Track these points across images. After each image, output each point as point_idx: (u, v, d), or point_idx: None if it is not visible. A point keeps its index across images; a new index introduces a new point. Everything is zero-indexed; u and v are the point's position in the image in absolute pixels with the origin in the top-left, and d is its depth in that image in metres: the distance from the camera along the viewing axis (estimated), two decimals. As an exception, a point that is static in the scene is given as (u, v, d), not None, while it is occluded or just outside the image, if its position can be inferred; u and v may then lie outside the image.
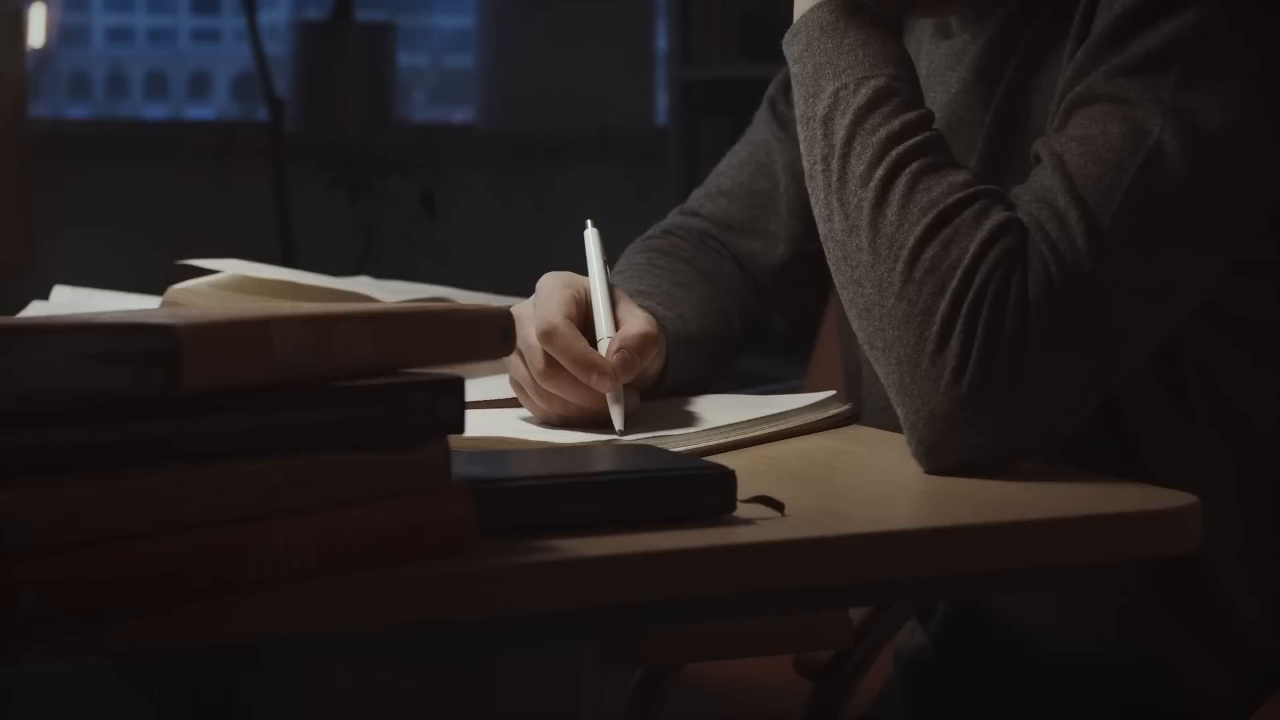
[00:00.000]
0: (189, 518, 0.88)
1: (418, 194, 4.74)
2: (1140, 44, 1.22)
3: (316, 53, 5.03)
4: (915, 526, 1.07)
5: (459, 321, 1.02)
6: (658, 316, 1.44)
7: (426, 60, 5.68)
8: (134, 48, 5.69)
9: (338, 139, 4.73)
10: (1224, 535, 1.33)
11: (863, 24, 1.29)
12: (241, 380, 0.89)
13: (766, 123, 1.61)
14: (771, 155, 1.60)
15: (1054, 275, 1.18)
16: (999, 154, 1.36)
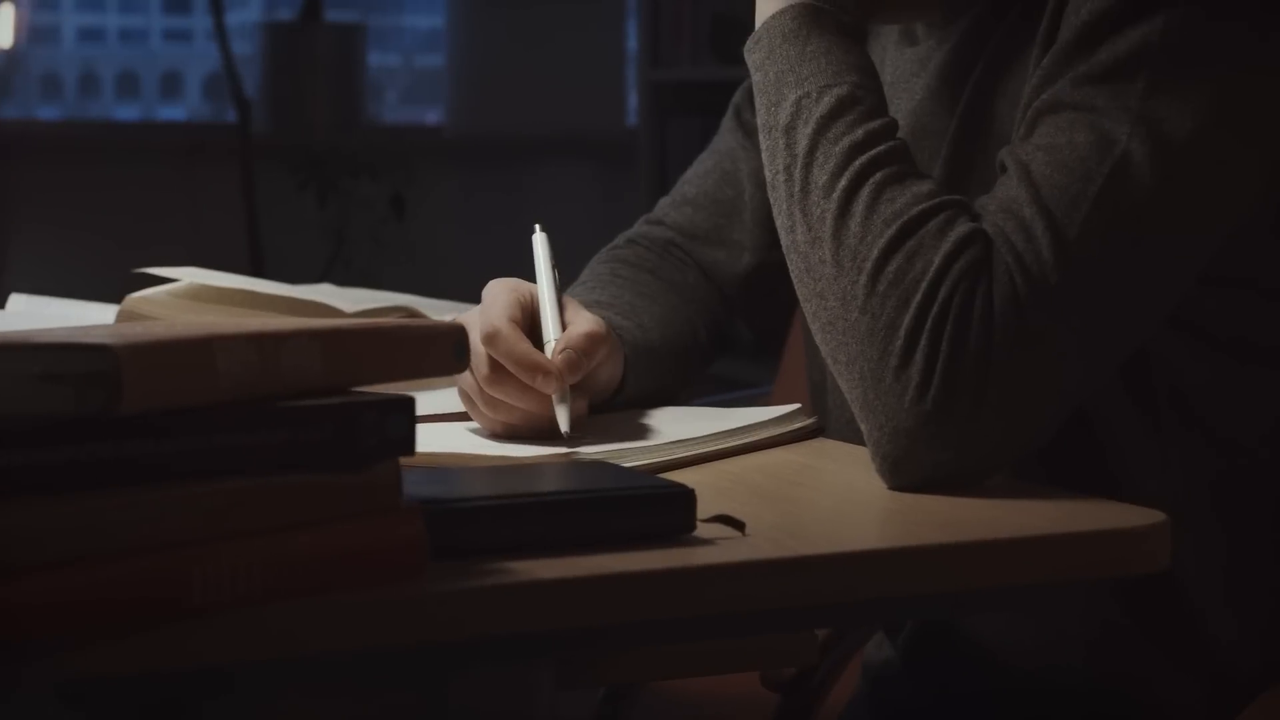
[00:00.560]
0: (131, 542, 0.85)
1: (387, 196, 4.71)
2: (1107, 51, 1.20)
3: (285, 54, 5.00)
4: (879, 547, 1.05)
5: (410, 338, 1.00)
6: (618, 327, 1.41)
7: (397, 61, 5.65)
8: (105, 48, 5.66)
9: (306, 140, 4.70)
10: (1196, 547, 1.31)
11: (826, 31, 1.27)
12: (184, 400, 0.87)
13: (732, 131, 1.59)
14: (737, 164, 1.58)
15: (1019, 288, 1.16)
16: (964, 161, 1.34)
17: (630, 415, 1.39)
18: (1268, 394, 1.33)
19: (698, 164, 1.62)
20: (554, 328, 1.31)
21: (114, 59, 5.62)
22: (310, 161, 4.66)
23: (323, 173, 4.65)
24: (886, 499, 1.16)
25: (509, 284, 1.34)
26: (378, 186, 4.70)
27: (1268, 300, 1.32)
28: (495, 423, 1.30)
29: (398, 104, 5.66)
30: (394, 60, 5.63)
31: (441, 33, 5.42)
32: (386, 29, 5.58)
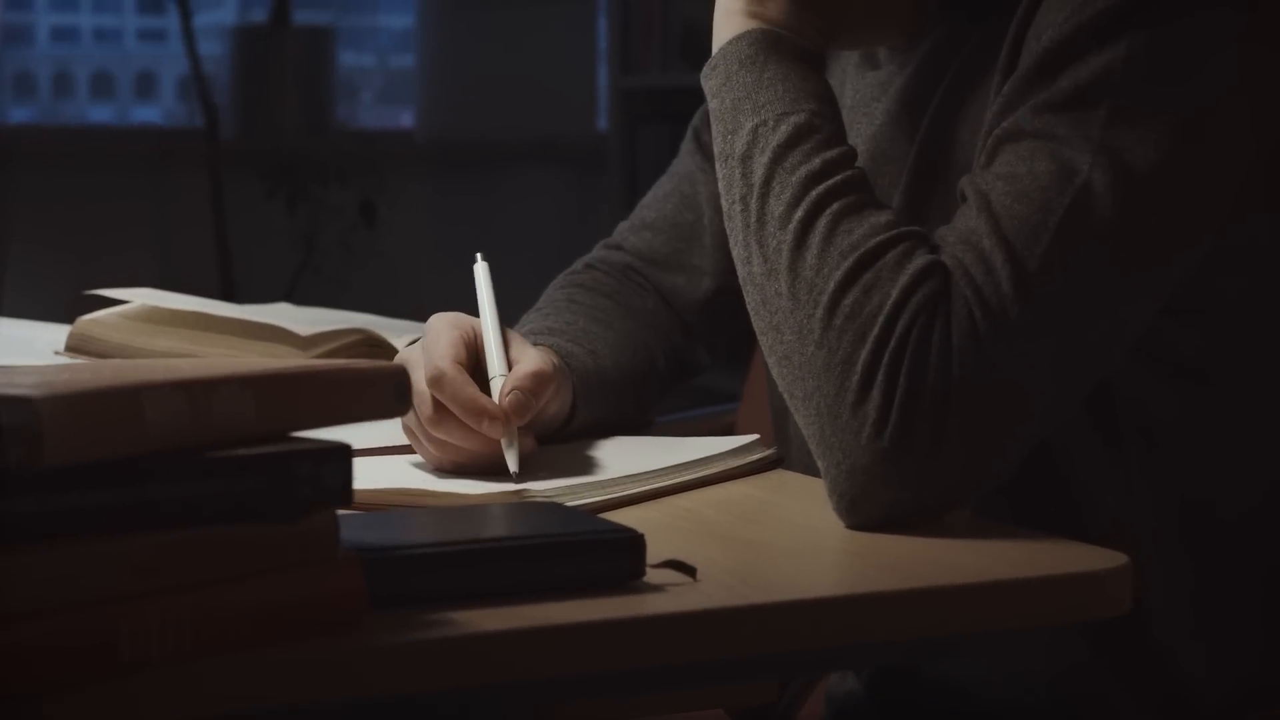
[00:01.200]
0: (54, 598, 0.82)
1: (356, 202, 4.68)
2: (1068, 79, 1.18)
3: (254, 58, 4.96)
4: (835, 594, 1.02)
5: (348, 381, 0.97)
6: (566, 354, 1.39)
7: (369, 64, 5.61)
8: (79, 48, 5.62)
9: (275, 146, 4.66)
10: (1163, 580, 1.29)
11: (783, 57, 1.24)
12: (110, 453, 0.84)
13: (691, 154, 1.56)
14: (696, 187, 1.55)
15: (979, 322, 1.13)
16: (924, 187, 1.31)
17: (582, 446, 1.36)
18: (1232, 423, 1.31)
19: (657, 187, 1.59)
20: (499, 364, 1.28)
21: (88, 59, 5.59)
22: (279, 168, 4.62)
23: (292, 179, 4.62)
24: (844, 539, 1.13)
25: (450, 319, 1.31)
26: (347, 193, 4.67)
27: (1231, 327, 1.29)
28: (440, 459, 1.27)
29: (368, 107, 5.63)
30: (365, 64, 5.60)
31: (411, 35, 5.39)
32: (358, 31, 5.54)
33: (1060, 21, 1.19)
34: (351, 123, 5.32)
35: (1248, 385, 1.31)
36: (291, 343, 1.70)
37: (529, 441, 1.26)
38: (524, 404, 1.25)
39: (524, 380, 1.26)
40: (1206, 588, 1.32)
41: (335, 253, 4.65)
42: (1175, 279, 1.22)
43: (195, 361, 1.01)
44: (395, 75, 5.57)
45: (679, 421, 2.35)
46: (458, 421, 1.24)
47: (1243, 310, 1.29)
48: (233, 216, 4.67)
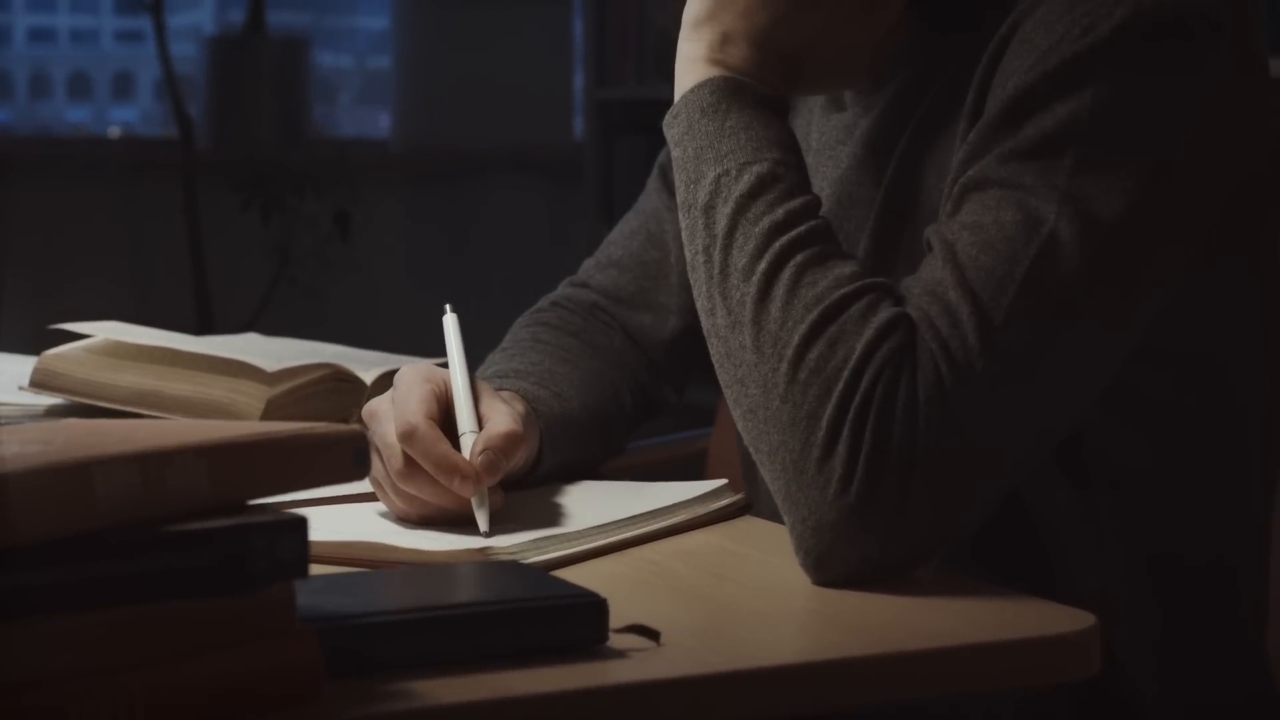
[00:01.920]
0: (1, 680, 0.81)
1: (331, 213, 4.66)
2: (1034, 127, 1.17)
3: (228, 68, 4.94)
4: (799, 661, 1.00)
5: (306, 447, 0.95)
6: (533, 398, 1.37)
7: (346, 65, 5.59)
8: (56, 49, 5.60)
9: (250, 156, 4.65)
10: (1132, 628, 1.28)
11: (746, 105, 1.23)
12: (59, 530, 0.82)
13: (658, 191, 1.55)
14: (663, 225, 1.54)
15: (944, 376, 1.12)
16: (891, 231, 1.30)
17: (548, 493, 1.35)
18: (1202, 469, 1.30)
19: (623, 224, 1.58)
20: (469, 420, 1.27)
21: (66, 60, 5.57)
22: (254, 178, 4.61)
23: (267, 190, 4.60)
24: (810, 597, 1.12)
25: (422, 371, 1.29)
26: (322, 204, 4.65)
27: (1201, 373, 1.28)
28: (407, 512, 1.26)
29: (351, 104, 5.61)
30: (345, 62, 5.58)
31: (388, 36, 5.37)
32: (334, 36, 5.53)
33: (1025, 69, 1.18)
34: (329, 127, 5.31)
35: (1217, 431, 1.31)
36: (257, 378, 1.68)
37: (497, 498, 1.25)
38: (495, 464, 1.23)
39: (496, 440, 1.24)
40: (1173, 637, 1.31)
41: (310, 264, 4.64)
42: (1144, 326, 1.21)
43: (150, 426, 1.00)
44: (373, 76, 5.56)
45: (652, 446, 2.34)
46: (428, 477, 1.23)
47: (1213, 355, 1.28)
48: (207, 228, 4.65)
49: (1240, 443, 1.32)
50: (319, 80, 5.22)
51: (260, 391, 1.68)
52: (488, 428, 1.26)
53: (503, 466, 1.24)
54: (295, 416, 1.71)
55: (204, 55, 4.99)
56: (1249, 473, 1.33)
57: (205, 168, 4.66)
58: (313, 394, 1.73)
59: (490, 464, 1.23)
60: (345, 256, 4.68)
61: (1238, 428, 1.31)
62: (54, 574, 0.83)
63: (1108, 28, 1.17)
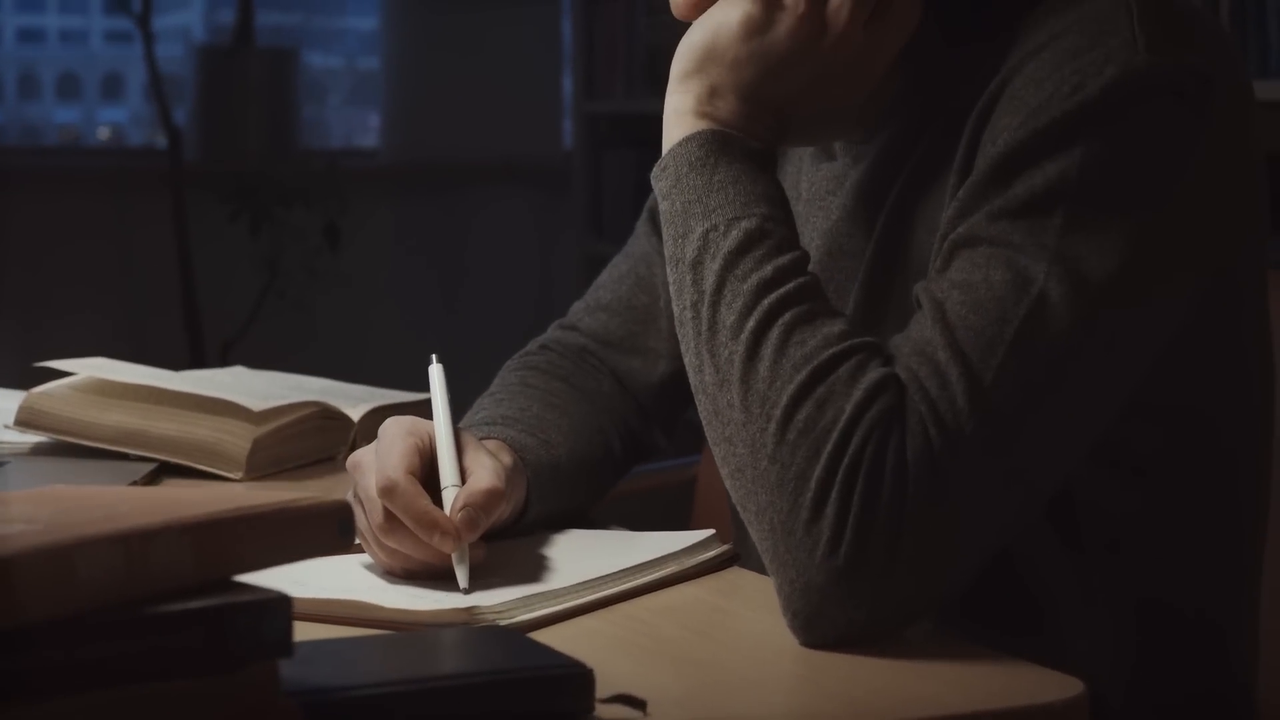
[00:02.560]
0: (-17, 765, 0.80)
1: (320, 225, 4.66)
2: (1024, 185, 1.16)
3: (217, 78, 4.94)
4: (783, 732, 1.00)
5: (291, 520, 0.94)
6: (521, 447, 1.37)
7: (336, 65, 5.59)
8: (45, 49, 5.59)
9: (238, 168, 4.64)
10: (1118, 675, 1.27)
11: (733, 159, 1.22)
12: (39, 615, 0.82)
13: (647, 235, 1.54)
14: (652, 269, 1.53)
15: (933, 438, 1.11)
16: (882, 284, 1.30)
17: (534, 544, 1.34)
18: (1192, 520, 1.30)
19: (612, 267, 1.57)
20: (452, 474, 1.26)
21: (54, 60, 5.56)
22: (242, 190, 4.60)
23: (255, 202, 4.59)
24: (797, 659, 1.11)
25: (406, 424, 1.29)
26: (311, 216, 4.64)
27: (1187, 426, 1.28)
28: (391, 565, 1.26)
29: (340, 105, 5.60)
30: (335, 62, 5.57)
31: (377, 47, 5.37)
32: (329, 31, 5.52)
33: (1015, 126, 1.17)
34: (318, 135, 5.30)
35: (1206, 482, 1.30)
36: (244, 417, 1.68)
37: (479, 553, 1.24)
38: (475, 521, 1.23)
39: (476, 497, 1.24)
40: (1161, 681, 1.30)
41: (299, 276, 4.63)
42: (1134, 383, 1.20)
43: (134, 498, 0.99)
44: (362, 77, 5.55)
45: (641, 474, 2.33)
46: (409, 532, 1.23)
47: (1202, 407, 1.28)
48: (196, 240, 4.64)
49: (1230, 493, 1.32)
50: (308, 81, 5.22)
51: (246, 431, 1.67)
52: (469, 483, 1.25)
53: (483, 523, 1.24)
54: (282, 456, 1.70)
55: (192, 66, 4.98)
56: (1239, 523, 1.33)
57: (194, 179, 4.66)
58: (299, 432, 1.73)
59: (470, 521, 1.23)
60: (334, 269, 4.67)
61: (1228, 478, 1.31)
62: (33, 658, 0.82)
63: (1097, 86, 1.16)
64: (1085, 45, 1.18)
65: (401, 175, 5.15)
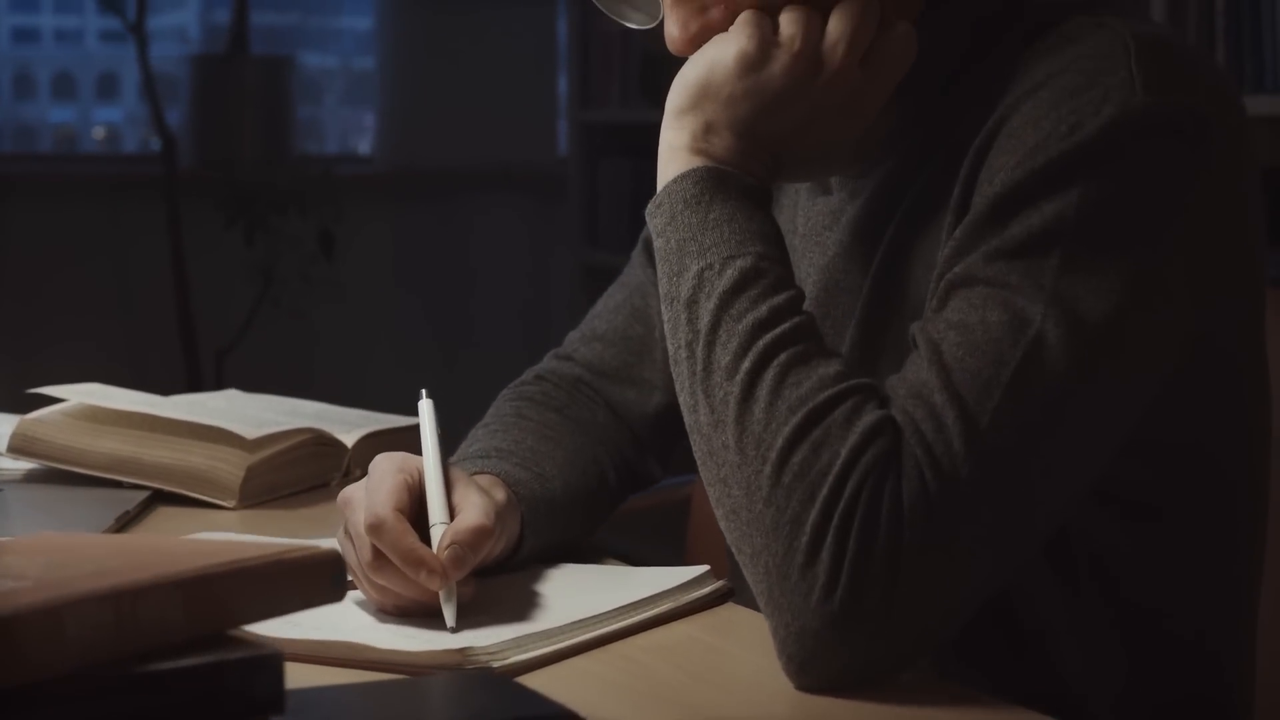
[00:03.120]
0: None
1: (315, 233, 4.65)
2: (1020, 226, 1.16)
3: (212, 85, 4.93)
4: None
5: (283, 573, 0.94)
6: (515, 481, 1.36)
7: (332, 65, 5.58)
8: (40, 49, 5.58)
9: (233, 176, 4.63)
10: (1110, 695, 1.27)
11: (729, 196, 1.21)
12: (28, 676, 0.81)
13: (642, 265, 1.54)
14: (647, 299, 1.53)
15: (929, 483, 1.10)
16: (878, 321, 1.29)
17: (527, 581, 1.33)
18: (1189, 555, 1.29)
19: (607, 297, 1.57)
20: (440, 511, 1.26)
21: (49, 60, 5.55)
22: (237, 198, 4.59)
23: (250, 210, 4.58)
24: (792, 704, 1.11)
25: (396, 461, 1.28)
26: (305, 223, 4.64)
27: (1183, 463, 1.27)
28: (381, 602, 1.25)
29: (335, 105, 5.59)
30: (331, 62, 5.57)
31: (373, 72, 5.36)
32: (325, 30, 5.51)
33: (1012, 166, 1.17)
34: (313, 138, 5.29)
35: (1203, 518, 1.30)
36: (237, 445, 1.68)
37: (467, 590, 1.24)
38: (462, 559, 1.22)
39: (464, 535, 1.23)
40: (1156, 702, 1.30)
41: (294, 284, 4.62)
42: (1132, 423, 1.20)
43: (124, 549, 0.98)
44: (358, 77, 5.54)
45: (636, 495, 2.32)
46: (396, 569, 1.22)
47: (1199, 444, 1.28)
48: (190, 247, 4.64)
49: (1229, 521, 1.32)
50: (304, 81, 5.22)
51: (240, 458, 1.67)
52: (457, 521, 1.25)
53: (470, 561, 1.23)
54: (275, 483, 1.70)
55: (187, 72, 4.97)
56: (1236, 549, 1.32)
57: (188, 186, 4.66)
58: (293, 459, 1.73)
59: (457, 559, 1.22)
60: (328, 276, 4.67)
61: (1226, 507, 1.30)
62: (23, 718, 0.82)
63: (1095, 126, 1.16)
64: (1083, 84, 1.18)
65: (396, 182, 5.14)
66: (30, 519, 1.61)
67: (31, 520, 1.61)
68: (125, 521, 1.57)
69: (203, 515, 1.63)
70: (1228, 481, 1.31)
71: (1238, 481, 1.32)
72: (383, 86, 5.29)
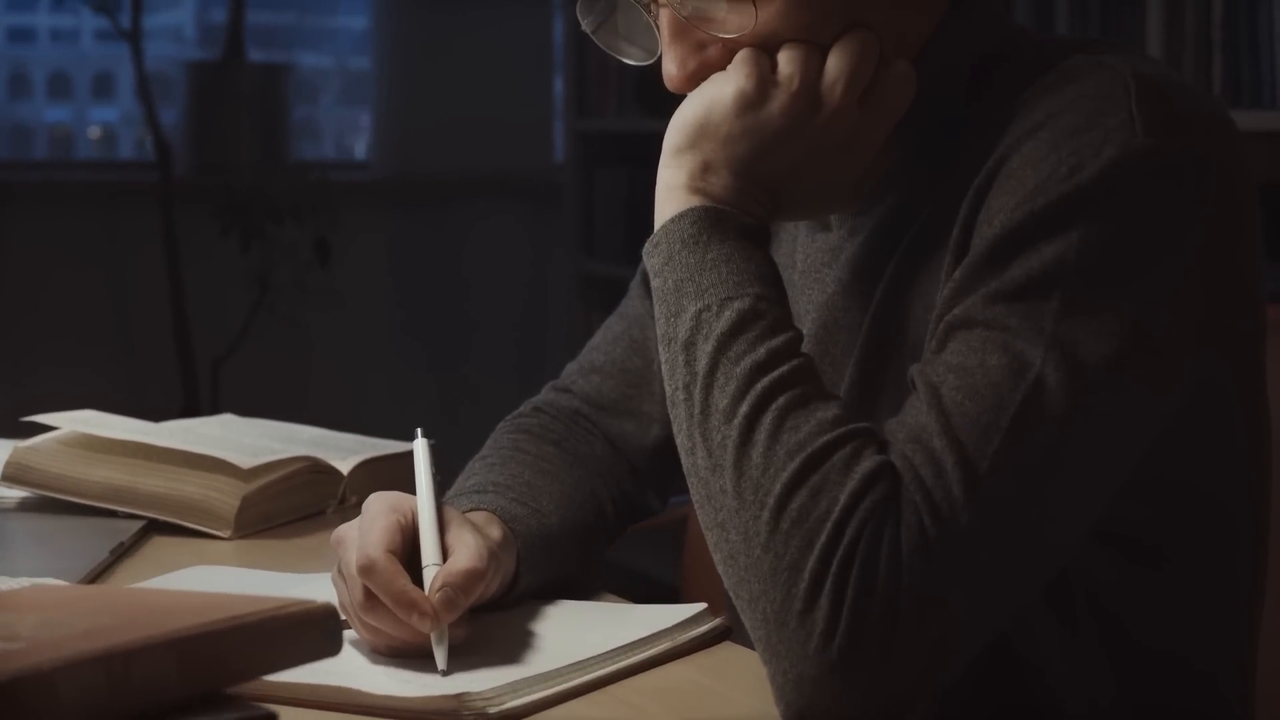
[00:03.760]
0: None
1: (311, 241, 4.64)
2: (1020, 268, 1.15)
3: (208, 93, 4.92)
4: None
5: (278, 629, 0.93)
6: (511, 517, 1.36)
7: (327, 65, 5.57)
8: (36, 48, 5.58)
9: (229, 184, 4.63)
10: None
11: (727, 236, 1.21)
12: (19, 743, 0.81)
13: (640, 298, 1.53)
14: (645, 332, 1.52)
15: (928, 529, 1.10)
16: (877, 360, 1.28)
17: (522, 619, 1.32)
18: (1186, 598, 1.29)
19: (605, 329, 1.56)
20: (433, 552, 1.25)
21: (45, 59, 5.55)
22: (233, 206, 4.59)
23: (246, 218, 4.58)
24: (789, 752, 1.10)
25: (389, 501, 1.28)
26: (301, 231, 4.63)
27: (1183, 501, 1.27)
28: (374, 643, 1.24)
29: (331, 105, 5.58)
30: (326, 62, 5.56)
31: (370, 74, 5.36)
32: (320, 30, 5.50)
33: (1011, 208, 1.16)
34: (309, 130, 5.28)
35: (1202, 553, 1.29)
36: (232, 474, 1.67)
37: (461, 632, 1.23)
38: (454, 601, 1.22)
39: (455, 577, 1.23)
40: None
41: (289, 292, 4.62)
42: (1129, 467, 1.19)
43: (117, 604, 0.98)
44: (354, 77, 5.54)
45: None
46: (388, 610, 1.21)
47: (1197, 482, 1.27)
48: (186, 255, 4.63)
49: (1229, 558, 1.31)
50: (299, 81, 5.21)
51: (235, 488, 1.66)
52: (449, 563, 1.24)
53: (462, 604, 1.22)
54: (271, 512, 1.69)
55: (183, 78, 4.96)
56: (1237, 595, 1.32)
57: (184, 194, 4.65)
58: (288, 488, 1.72)
59: (448, 602, 1.21)
60: (324, 284, 4.66)
61: (1227, 552, 1.30)
62: (15, 784, 0.81)
63: (1095, 169, 1.15)
64: (1083, 125, 1.17)
65: (392, 189, 5.14)
66: (25, 551, 1.61)
67: (26, 552, 1.60)
68: (120, 554, 1.56)
69: (198, 546, 1.62)
70: (1228, 520, 1.30)
71: (1239, 520, 1.31)
72: (378, 87, 5.29)
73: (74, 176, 5.14)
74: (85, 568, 1.48)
